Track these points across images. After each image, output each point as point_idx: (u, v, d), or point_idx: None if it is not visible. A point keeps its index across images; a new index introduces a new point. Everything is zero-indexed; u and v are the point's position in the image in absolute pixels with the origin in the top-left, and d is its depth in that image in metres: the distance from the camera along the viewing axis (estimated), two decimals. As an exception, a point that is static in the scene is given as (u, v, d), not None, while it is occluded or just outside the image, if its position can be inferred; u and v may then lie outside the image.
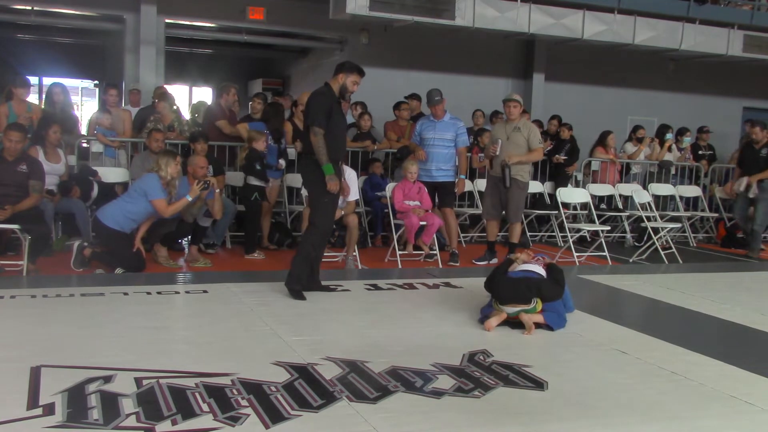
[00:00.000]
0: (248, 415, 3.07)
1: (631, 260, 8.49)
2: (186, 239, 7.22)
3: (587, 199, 8.98)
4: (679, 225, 9.09)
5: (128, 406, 3.11)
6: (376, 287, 5.90)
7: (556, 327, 4.66)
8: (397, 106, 9.31)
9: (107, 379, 3.41)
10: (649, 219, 8.89)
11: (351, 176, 7.11)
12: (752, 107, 14.10)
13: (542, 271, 4.89)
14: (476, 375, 3.73)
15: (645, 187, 9.76)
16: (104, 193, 7.39)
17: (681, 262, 8.36)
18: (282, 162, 7.94)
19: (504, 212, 7.60)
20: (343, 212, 6.87)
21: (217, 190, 6.81)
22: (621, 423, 3.22)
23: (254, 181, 7.46)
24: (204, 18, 10.89)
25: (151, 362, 3.70)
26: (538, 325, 4.62)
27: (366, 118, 9.04)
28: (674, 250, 8.56)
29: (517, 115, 7.42)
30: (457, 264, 7.48)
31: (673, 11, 11.24)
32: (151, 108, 8.68)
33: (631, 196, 9.27)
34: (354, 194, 7.14)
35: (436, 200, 7.79)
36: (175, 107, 8.48)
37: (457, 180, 7.77)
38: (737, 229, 10.16)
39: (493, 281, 4.80)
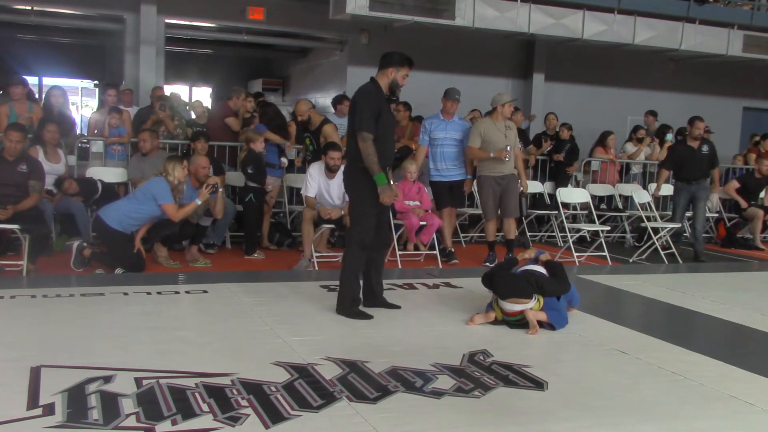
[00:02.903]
0: (248, 415, 3.07)
1: (630, 260, 8.49)
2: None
3: (587, 199, 8.99)
4: (678, 225, 9.08)
5: (128, 406, 3.11)
6: (376, 287, 5.89)
7: (558, 326, 4.66)
8: (403, 104, 9.31)
9: (107, 379, 3.40)
10: (648, 219, 8.89)
11: None
12: (752, 107, 14.11)
13: (543, 271, 4.89)
14: (476, 375, 3.73)
15: (645, 187, 9.75)
16: (106, 193, 7.40)
17: (681, 262, 8.37)
18: (284, 160, 7.95)
19: (499, 210, 7.61)
20: (342, 212, 6.87)
21: (221, 190, 6.83)
22: (621, 423, 3.21)
23: (251, 182, 7.47)
24: (204, 18, 10.89)
25: (151, 362, 3.70)
26: (539, 324, 4.62)
27: None
28: (674, 250, 8.56)
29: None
30: (456, 261, 7.52)
31: (673, 11, 11.25)
32: (150, 108, 8.71)
33: (631, 196, 9.27)
34: None
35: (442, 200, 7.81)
36: (169, 108, 8.52)
37: (465, 179, 7.83)
38: (737, 229, 10.18)
39: (493, 277, 4.77)
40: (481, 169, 7.51)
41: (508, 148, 7.24)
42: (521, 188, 7.63)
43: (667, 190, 10.00)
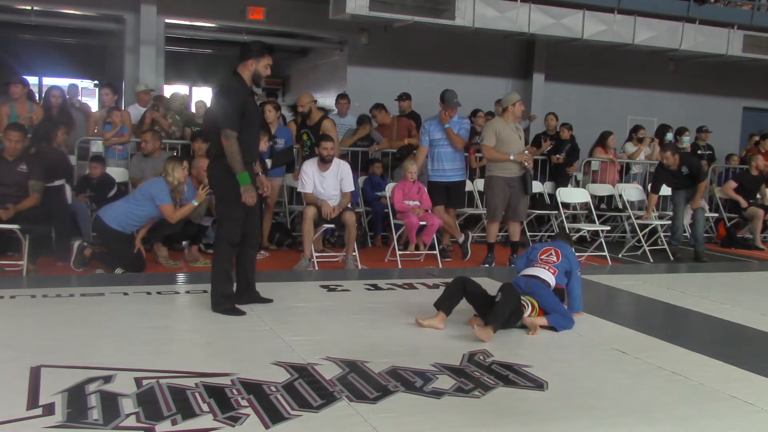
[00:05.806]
0: (248, 415, 3.07)
1: (620, 255, 8.54)
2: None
3: (587, 199, 9.00)
4: (669, 222, 9.06)
5: (128, 406, 3.11)
6: (376, 287, 5.90)
7: (561, 328, 4.65)
8: (376, 106, 9.24)
9: (107, 379, 3.40)
10: (639, 217, 8.93)
11: (345, 170, 7.06)
12: (752, 107, 14.11)
13: (550, 277, 4.82)
14: (476, 375, 3.73)
15: (645, 188, 9.75)
16: (119, 191, 7.41)
17: (672, 258, 8.46)
18: (267, 161, 7.94)
19: (505, 212, 7.59)
20: (339, 207, 6.83)
21: None
22: (621, 423, 3.21)
23: None
24: (204, 18, 10.89)
25: (151, 362, 3.70)
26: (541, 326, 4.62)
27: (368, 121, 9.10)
28: (666, 247, 8.59)
29: None
30: (450, 260, 7.64)
31: (673, 11, 11.25)
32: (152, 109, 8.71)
33: (621, 194, 9.28)
34: (349, 185, 7.05)
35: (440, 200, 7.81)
36: (164, 107, 8.51)
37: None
38: (737, 229, 10.17)
39: (491, 306, 4.51)
40: (491, 169, 7.41)
41: (527, 152, 7.23)
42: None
43: (666, 190, 10.01)
